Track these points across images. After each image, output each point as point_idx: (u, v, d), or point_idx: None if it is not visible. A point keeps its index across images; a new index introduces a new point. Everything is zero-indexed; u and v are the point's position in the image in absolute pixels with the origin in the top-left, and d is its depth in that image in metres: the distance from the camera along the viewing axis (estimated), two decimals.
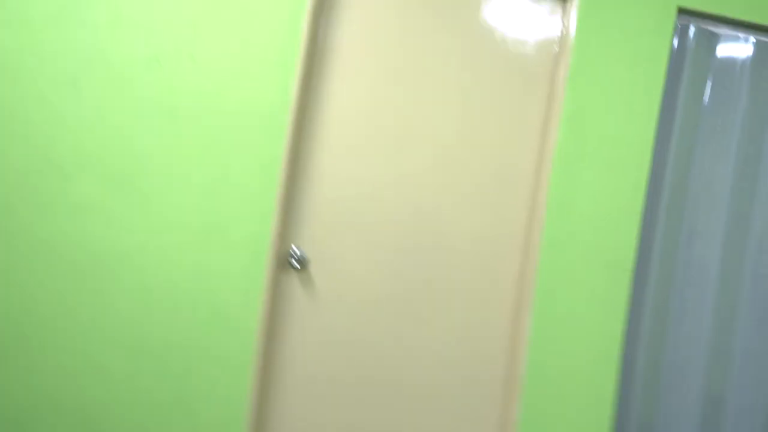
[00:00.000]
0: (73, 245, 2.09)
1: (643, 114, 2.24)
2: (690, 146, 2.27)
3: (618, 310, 2.21)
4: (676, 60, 2.28)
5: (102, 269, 2.10)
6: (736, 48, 2.29)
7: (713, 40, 2.28)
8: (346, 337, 2.23)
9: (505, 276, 2.28)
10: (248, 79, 2.12)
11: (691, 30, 2.25)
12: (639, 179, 2.23)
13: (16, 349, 2.10)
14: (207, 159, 2.11)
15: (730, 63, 2.29)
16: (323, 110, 2.23)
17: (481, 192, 2.28)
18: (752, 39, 2.27)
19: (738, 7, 2.30)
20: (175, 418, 2.12)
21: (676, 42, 2.28)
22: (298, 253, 2.19)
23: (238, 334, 2.11)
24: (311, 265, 2.22)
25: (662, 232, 2.26)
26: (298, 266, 2.18)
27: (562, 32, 2.28)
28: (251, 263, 2.11)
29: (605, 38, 2.24)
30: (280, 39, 2.12)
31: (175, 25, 2.10)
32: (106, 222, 2.10)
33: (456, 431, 2.26)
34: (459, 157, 2.27)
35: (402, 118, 2.25)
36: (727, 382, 2.27)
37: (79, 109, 2.09)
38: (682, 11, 2.29)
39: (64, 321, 2.10)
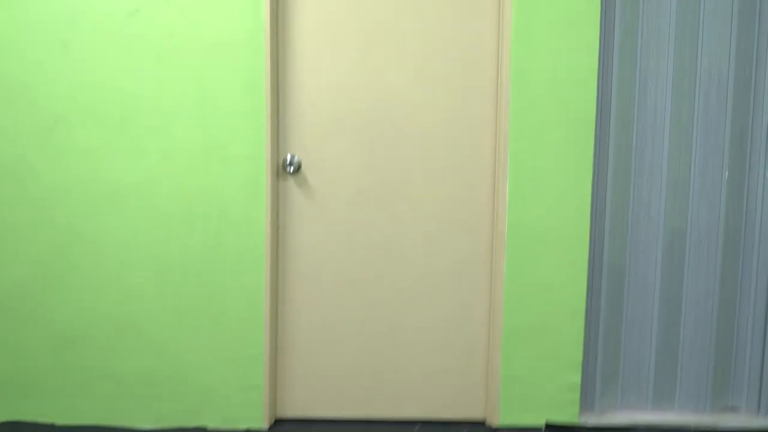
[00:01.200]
0: (86, 185, 2.43)
1: None
2: (635, 1, 2.44)
3: (585, 161, 2.41)
4: None
5: (119, 202, 2.43)
6: None
7: None
8: (341, 225, 2.53)
9: (480, 149, 2.51)
10: (222, 11, 2.34)
11: None
12: (591, 37, 2.37)
13: (58, 282, 2.48)
14: (195, 91, 2.38)
15: None
16: (294, 27, 2.45)
17: (448, 78, 2.48)
18: None
19: None
20: (204, 316, 2.48)
21: None
22: (292, 158, 2.48)
23: (248, 236, 2.44)
24: (304, 168, 2.51)
25: (617, 83, 2.45)
26: (293, 170, 2.48)
27: None
28: (251, 174, 2.40)
29: None
30: None
31: None
32: (114, 160, 2.41)
33: (454, 288, 2.58)
34: (422, 49, 2.47)
35: (367, 25, 2.46)
36: (685, 214, 2.53)
37: (72, 66, 2.38)
38: None
39: (95, 251, 2.46)
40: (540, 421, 2.52)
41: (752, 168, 2.50)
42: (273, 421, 2.58)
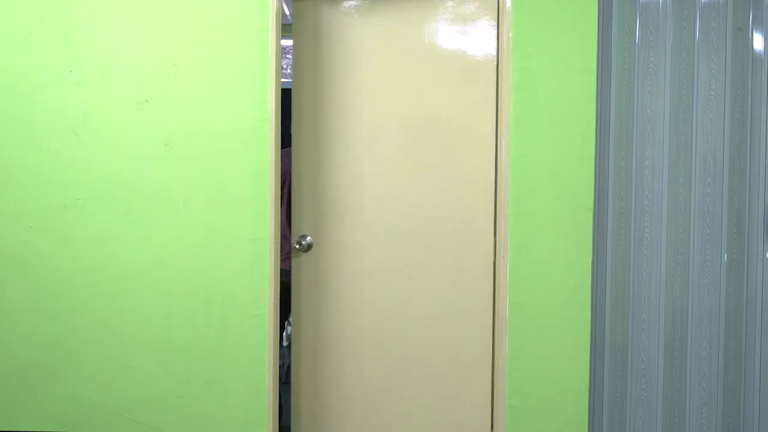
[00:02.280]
0: (96, 270, 2.47)
1: (583, 69, 2.41)
2: (628, 91, 2.51)
3: (584, 245, 2.44)
4: (605, 18, 2.50)
5: (127, 286, 2.47)
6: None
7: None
8: (349, 304, 2.58)
9: (481, 233, 2.56)
10: (229, 103, 2.42)
11: None
12: (588, 127, 2.42)
13: (61, 365, 2.50)
14: (203, 177, 2.44)
15: (653, 8, 2.51)
16: (298, 117, 2.53)
17: (450, 165, 2.55)
18: None
19: None
20: (206, 399, 2.49)
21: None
22: (305, 239, 2.52)
23: (253, 320, 2.45)
24: (316, 248, 2.56)
25: (614, 169, 2.52)
26: (305, 250, 2.52)
27: (499, 6, 2.52)
28: (257, 257, 2.44)
29: (541, 9, 2.44)
30: (253, 64, 2.42)
31: (159, 69, 2.43)
32: (124, 245, 2.46)
33: (454, 373, 2.59)
34: (426, 139, 2.56)
35: (369, 112, 2.54)
36: (686, 295, 2.55)
37: (83, 154, 2.45)
38: None
39: (99, 335, 2.48)
40: None
41: (750, 250, 2.53)
42: None
